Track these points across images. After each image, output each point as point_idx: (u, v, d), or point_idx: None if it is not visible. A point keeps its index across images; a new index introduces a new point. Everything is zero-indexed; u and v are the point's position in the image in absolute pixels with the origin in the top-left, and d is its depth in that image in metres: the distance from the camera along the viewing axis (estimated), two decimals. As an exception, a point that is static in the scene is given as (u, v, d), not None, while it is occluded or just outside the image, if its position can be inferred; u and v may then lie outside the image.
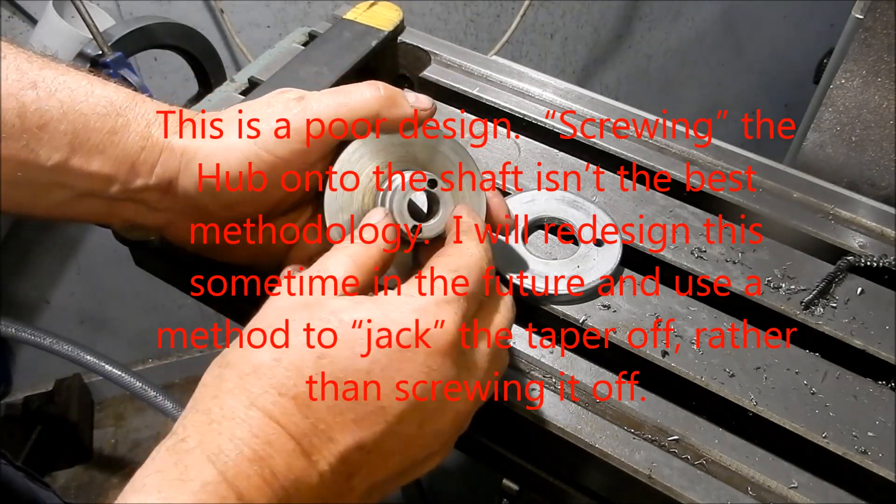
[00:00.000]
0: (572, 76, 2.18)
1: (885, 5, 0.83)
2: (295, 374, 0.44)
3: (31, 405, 2.20)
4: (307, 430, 0.44)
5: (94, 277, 2.05)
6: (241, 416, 0.43)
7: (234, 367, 0.45)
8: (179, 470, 0.41)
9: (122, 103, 0.57)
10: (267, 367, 0.45)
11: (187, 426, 0.44)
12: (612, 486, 0.61)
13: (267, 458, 0.43)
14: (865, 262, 0.72)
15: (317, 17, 1.74)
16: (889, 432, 0.60)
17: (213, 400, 0.44)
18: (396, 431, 0.46)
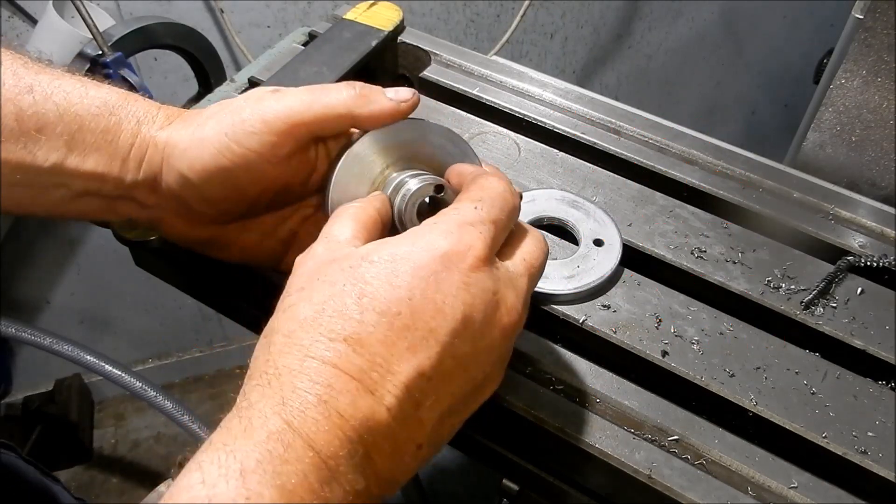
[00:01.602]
0: (572, 76, 2.18)
1: (885, 5, 0.83)
2: (340, 317, 0.45)
3: (31, 405, 2.20)
4: (365, 367, 0.44)
5: (94, 277, 2.05)
6: (297, 368, 0.43)
7: (278, 331, 0.46)
8: (244, 425, 0.41)
9: (114, 103, 0.58)
10: (311, 320, 0.45)
11: (247, 392, 0.44)
12: (612, 486, 0.61)
13: (331, 400, 0.43)
14: (865, 262, 0.72)
15: (317, 17, 1.74)
16: (889, 432, 0.60)
17: (266, 364, 0.44)
18: (451, 352, 0.47)
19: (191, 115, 0.60)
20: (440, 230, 0.48)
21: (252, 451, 0.40)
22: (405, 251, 0.47)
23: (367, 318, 0.45)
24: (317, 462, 0.41)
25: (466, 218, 0.50)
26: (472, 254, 0.48)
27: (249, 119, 0.55)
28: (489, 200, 0.52)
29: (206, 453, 0.41)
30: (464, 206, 0.51)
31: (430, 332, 0.46)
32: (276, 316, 0.47)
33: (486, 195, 0.52)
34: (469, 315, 0.47)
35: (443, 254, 0.47)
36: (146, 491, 1.66)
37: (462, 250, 0.48)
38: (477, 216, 0.50)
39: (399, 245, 0.48)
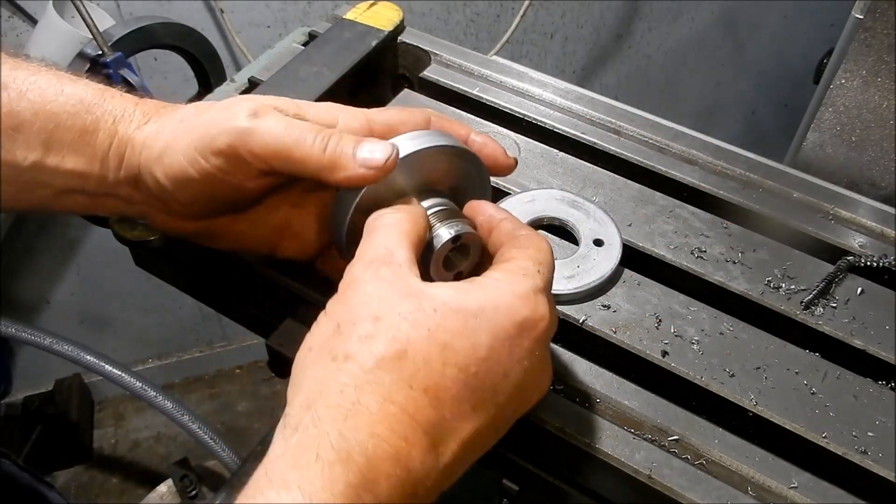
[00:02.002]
0: (572, 76, 2.18)
1: (885, 5, 0.83)
2: (423, 367, 0.45)
3: (31, 405, 2.21)
4: (436, 423, 0.45)
5: (94, 277, 2.05)
6: (377, 410, 0.43)
7: (353, 361, 0.45)
8: (320, 467, 0.41)
9: (90, 100, 0.58)
10: (392, 361, 0.45)
11: (320, 420, 0.43)
12: (612, 486, 0.61)
13: (405, 455, 0.43)
14: (865, 262, 0.72)
15: (317, 17, 1.74)
16: (889, 432, 0.60)
17: (340, 394, 0.44)
18: (502, 414, 0.49)
19: (167, 112, 0.59)
20: (520, 294, 0.49)
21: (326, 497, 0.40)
22: (491, 309, 0.48)
23: (447, 373, 0.45)
24: None
25: (538, 284, 0.51)
26: (543, 325, 0.50)
27: (218, 140, 0.54)
28: (547, 265, 0.53)
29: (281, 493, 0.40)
30: (532, 269, 0.51)
31: (493, 395, 0.47)
32: (346, 338, 0.46)
33: (544, 259, 0.53)
34: (525, 381, 0.49)
35: (521, 321, 0.48)
36: (146, 491, 1.66)
37: (536, 319, 0.49)
38: (543, 282, 0.51)
39: (484, 300, 0.48)
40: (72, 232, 1.94)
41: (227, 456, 1.46)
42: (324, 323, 0.48)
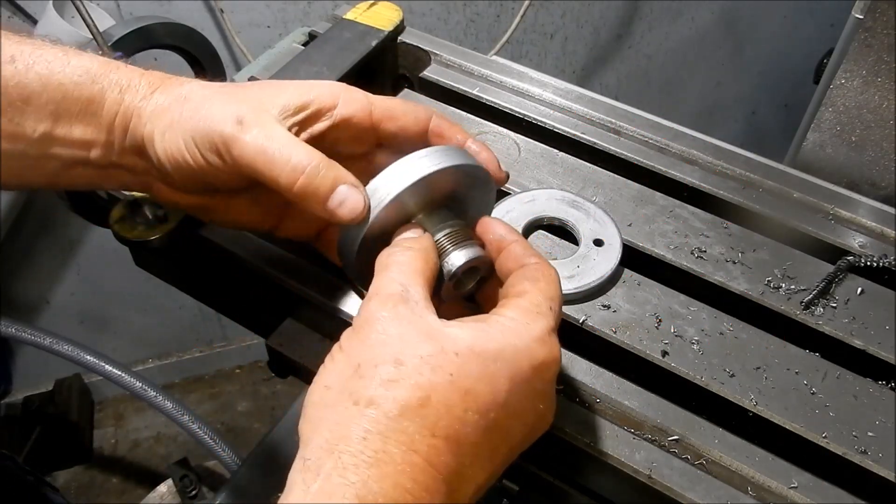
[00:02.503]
0: (572, 76, 2.18)
1: (885, 5, 0.83)
2: (446, 414, 0.44)
3: (31, 405, 2.20)
4: (455, 470, 0.45)
5: (94, 277, 2.05)
6: (401, 460, 0.43)
7: (377, 407, 0.44)
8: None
9: (97, 70, 0.58)
10: (416, 409, 0.44)
11: (345, 468, 0.42)
12: (612, 486, 0.61)
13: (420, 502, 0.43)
14: (865, 262, 0.72)
15: (317, 17, 1.74)
16: (889, 432, 0.60)
17: (364, 442, 0.43)
18: (512, 455, 0.50)
19: (172, 85, 0.59)
20: (536, 337, 0.49)
21: None
22: (510, 353, 0.48)
23: (468, 419, 0.45)
24: None
25: (551, 324, 0.51)
26: (556, 365, 0.50)
27: (209, 138, 0.55)
28: (557, 300, 0.53)
29: None
30: (545, 307, 0.51)
31: (508, 437, 0.48)
32: (368, 382, 0.45)
33: (555, 294, 0.53)
34: (536, 420, 0.50)
35: (539, 364, 0.49)
36: (146, 491, 1.66)
37: (550, 361, 0.50)
38: (555, 321, 0.51)
39: (503, 343, 0.48)
40: (72, 232, 1.94)
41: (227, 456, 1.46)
42: (340, 360, 0.47)
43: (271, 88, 0.59)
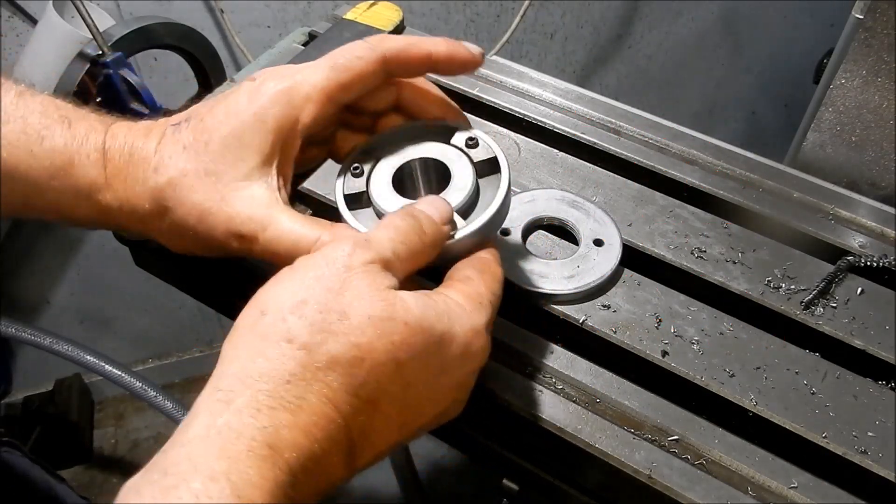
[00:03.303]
0: (572, 76, 2.18)
1: (885, 5, 0.83)
2: (374, 379, 0.45)
3: (31, 405, 2.20)
4: (363, 432, 0.45)
5: (94, 277, 2.05)
6: (317, 411, 0.43)
7: (308, 351, 0.43)
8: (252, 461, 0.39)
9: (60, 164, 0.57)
10: (347, 364, 0.44)
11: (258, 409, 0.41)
12: (612, 486, 0.61)
13: (328, 458, 0.43)
14: (865, 262, 0.72)
15: (317, 17, 1.74)
16: (889, 432, 0.60)
17: (285, 385, 0.42)
18: (417, 434, 0.51)
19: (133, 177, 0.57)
20: (477, 328, 0.51)
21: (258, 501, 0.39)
22: (449, 339, 0.49)
23: (391, 390, 0.46)
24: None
25: (488, 318, 0.52)
26: (483, 359, 0.52)
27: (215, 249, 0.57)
28: (497, 295, 0.55)
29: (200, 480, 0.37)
30: (486, 300, 0.53)
31: (420, 416, 0.49)
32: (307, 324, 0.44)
33: (497, 290, 0.55)
34: (448, 407, 0.52)
35: (471, 354, 0.50)
36: (146, 491, 1.66)
37: (480, 354, 0.51)
38: (492, 315, 0.53)
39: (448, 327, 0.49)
40: (72, 232, 1.94)
41: (227, 456, 1.46)
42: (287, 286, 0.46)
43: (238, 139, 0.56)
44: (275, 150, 0.56)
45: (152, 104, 1.42)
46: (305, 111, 0.56)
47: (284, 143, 0.56)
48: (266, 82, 0.57)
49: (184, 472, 0.38)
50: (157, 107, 1.43)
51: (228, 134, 0.55)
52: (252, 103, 0.56)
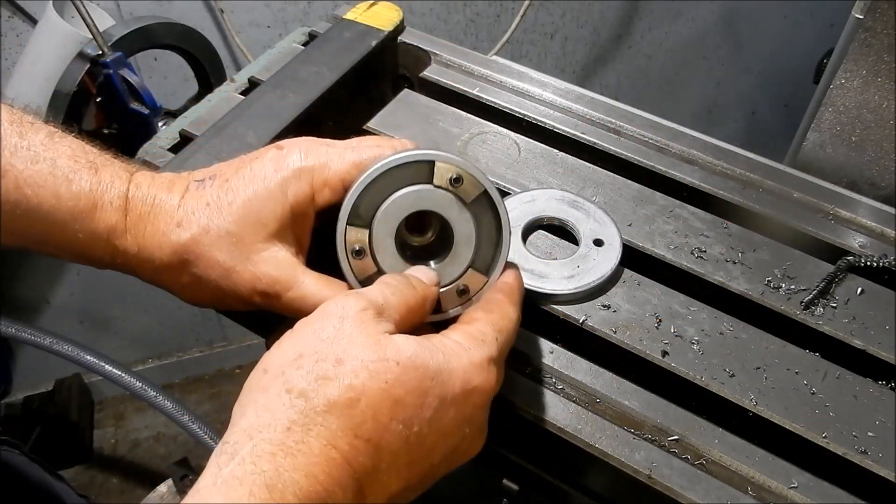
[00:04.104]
0: (572, 76, 2.18)
1: (885, 5, 0.83)
2: (371, 418, 0.46)
3: (31, 405, 2.21)
4: (369, 472, 0.46)
5: (94, 277, 2.05)
6: (318, 453, 0.44)
7: (307, 399, 0.45)
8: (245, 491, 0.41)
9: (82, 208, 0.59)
10: (344, 407, 0.45)
11: (259, 456, 0.43)
12: (612, 486, 0.61)
13: (331, 498, 0.43)
14: (865, 262, 0.72)
15: (317, 17, 1.74)
16: (889, 432, 0.60)
17: (287, 432, 0.44)
18: (433, 472, 0.51)
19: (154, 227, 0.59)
20: (476, 363, 0.51)
21: None
22: (446, 374, 0.49)
23: (392, 427, 0.46)
24: None
25: (492, 353, 0.53)
26: (488, 395, 0.52)
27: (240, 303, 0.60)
28: (507, 333, 0.55)
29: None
30: (490, 336, 0.53)
31: (429, 454, 0.49)
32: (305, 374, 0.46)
33: (505, 327, 0.55)
34: (461, 444, 0.52)
35: (472, 388, 0.51)
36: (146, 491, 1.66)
37: (484, 387, 0.51)
38: (498, 351, 0.53)
39: (442, 364, 0.50)
40: (72, 232, 1.94)
41: (227, 456, 1.46)
42: (286, 346, 0.49)
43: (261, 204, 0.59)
44: (293, 219, 0.59)
45: (152, 104, 1.42)
46: (322, 194, 0.60)
47: (301, 214, 0.60)
48: (291, 154, 0.60)
49: None
50: (157, 107, 1.43)
51: (252, 197, 0.58)
52: (276, 173, 0.59)
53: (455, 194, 0.57)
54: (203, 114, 0.82)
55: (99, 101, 1.43)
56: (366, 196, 0.57)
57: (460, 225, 0.58)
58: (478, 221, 0.58)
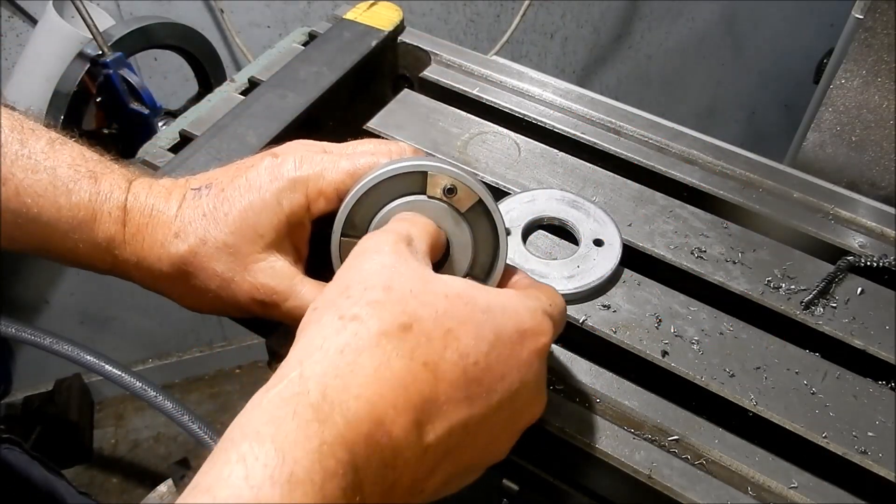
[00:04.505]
0: (572, 76, 2.18)
1: (885, 5, 0.83)
2: (426, 343, 0.45)
3: (31, 405, 2.21)
4: (428, 399, 0.44)
5: (95, 277, 2.03)
6: (371, 373, 0.43)
7: (360, 322, 0.45)
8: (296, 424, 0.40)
9: (83, 218, 0.59)
10: (398, 331, 0.45)
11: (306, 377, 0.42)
12: (612, 486, 0.61)
13: (389, 423, 0.42)
14: (865, 262, 0.72)
15: (317, 17, 1.75)
16: (889, 432, 0.60)
17: (339, 355, 0.43)
18: (493, 419, 0.48)
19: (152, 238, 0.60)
20: (529, 307, 0.51)
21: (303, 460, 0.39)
22: (499, 310, 0.49)
23: (448, 356, 0.45)
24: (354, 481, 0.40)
25: (546, 309, 0.52)
26: (543, 340, 0.51)
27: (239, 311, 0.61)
28: (560, 308, 0.55)
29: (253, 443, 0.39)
30: (544, 300, 0.53)
31: (489, 392, 0.47)
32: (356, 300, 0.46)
33: (557, 302, 0.55)
34: (520, 392, 0.49)
35: (526, 329, 0.49)
36: (146, 491, 1.66)
37: (539, 332, 0.50)
38: (551, 313, 0.53)
39: (494, 300, 0.49)
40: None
41: (227, 456, 1.46)
42: (332, 286, 0.49)
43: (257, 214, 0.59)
44: (289, 229, 0.59)
45: (152, 104, 1.42)
46: (317, 204, 0.60)
47: (297, 224, 0.60)
48: (286, 163, 0.60)
49: (234, 437, 0.40)
50: (157, 107, 1.43)
51: (247, 207, 0.58)
52: (272, 183, 0.59)
53: (450, 204, 0.57)
54: (203, 114, 0.83)
55: (99, 101, 1.43)
56: (360, 207, 0.57)
57: (456, 235, 0.58)
58: (474, 230, 0.58)
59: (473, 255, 0.58)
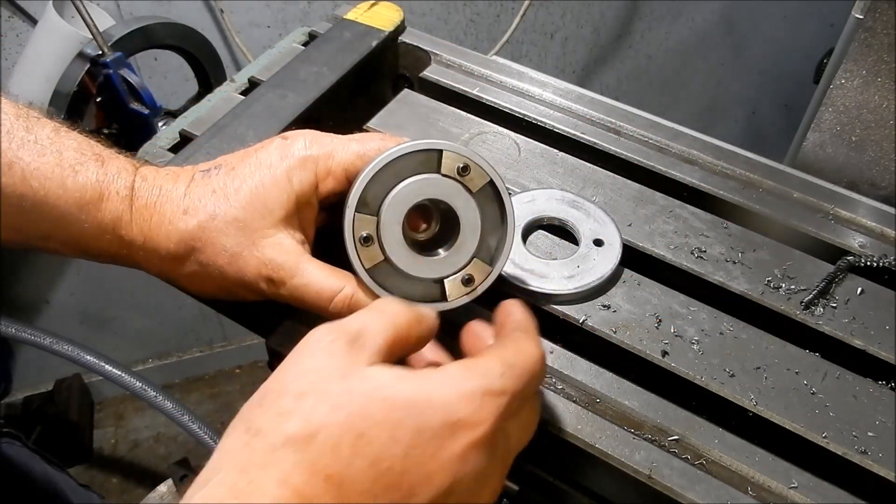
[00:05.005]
0: (572, 76, 2.18)
1: (885, 5, 0.83)
2: (330, 452, 0.42)
3: (31, 405, 2.21)
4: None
5: (94, 277, 2.05)
6: (272, 491, 0.41)
7: (263, 437, 0.43)
8: None
9: (89, 199, 0.59)
10: (300, 442, 0.42)
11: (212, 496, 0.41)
12: (612, 486, 0.61)
13: None
14: (865, 262, 0.72)
15: (317, 17, 1.75)
16: (889, 432, 0.60)
17: (240, 473, 0.42)
18: None
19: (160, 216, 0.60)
20: (463, 393, 0.46)
21: None
22: (423, 403, 0.44)
23: (356, 464, 0.42)
24: None
25: (492, 386, 0.47)
26: (482, 430, 0.46)
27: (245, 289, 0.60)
28: (520, 370, 0.49)
29: None
30: (494, 371, 0.47)
31: (410, 496, 0.44)
32: (265, 412, 0.44)
33: (520, 363, 0.49)
34: (455, 488, 0.45)
35: (455, 421, 0.45)
36: (146, 491, 1.66)
37: (474, 424, 0.45)
38: (501, 385, 0.47)
39: (418, 392, 0.45)
40: (72, 232, 1.94)
41: (227, 456, 1.46)
42: (259, 390, 0.47)
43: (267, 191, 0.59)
44: (298, 207, 0.60)
45: (152, 104, 1.42)
46: (326, 183, 0.60)
47: (305, 203, 0.60)
48: (296, 143, 0.61)
49: None
50: (157, 107, 1.43)
51: (259, 184, 0.59)
52: (282, 161, 0.60)
53: (462, 183, 0.58)
54: (203, 114, 0.83)
55: (99, 101, 1.43)
56: (374, 184, 0.57)
57: (466, 214, 0.59)
58: (483, 211, 0.59)
59: (481, 237, 0.59)
